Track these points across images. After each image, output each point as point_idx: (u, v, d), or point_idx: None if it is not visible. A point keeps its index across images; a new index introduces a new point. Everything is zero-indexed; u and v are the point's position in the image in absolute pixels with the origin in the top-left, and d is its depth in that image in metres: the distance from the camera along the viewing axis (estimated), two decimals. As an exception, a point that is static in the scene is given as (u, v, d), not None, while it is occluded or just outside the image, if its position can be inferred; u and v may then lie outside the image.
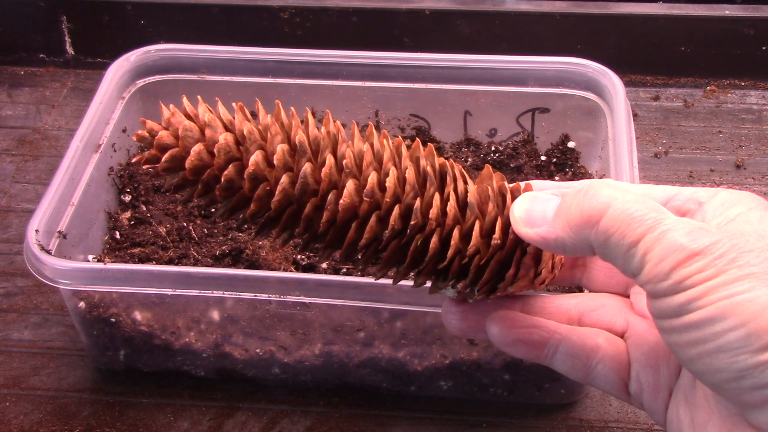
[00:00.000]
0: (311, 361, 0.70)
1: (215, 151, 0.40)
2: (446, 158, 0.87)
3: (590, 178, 0.84)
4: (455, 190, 0.42)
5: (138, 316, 0.69)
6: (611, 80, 0.79)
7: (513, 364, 0.68)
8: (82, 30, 1.08)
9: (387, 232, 0.41)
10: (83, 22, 1.08)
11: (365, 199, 0.40)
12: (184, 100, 0.43)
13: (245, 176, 0.40)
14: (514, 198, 0.41)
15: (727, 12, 1.04)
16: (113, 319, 0.69)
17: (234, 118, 0.42)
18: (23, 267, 0.67)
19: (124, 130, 0.83)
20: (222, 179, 0.40)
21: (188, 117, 0.42)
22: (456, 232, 0.41)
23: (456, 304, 0.43)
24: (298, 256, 0.75)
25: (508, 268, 0.41)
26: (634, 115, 1.01)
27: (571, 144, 0.87)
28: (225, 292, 0.64)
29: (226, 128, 0.42)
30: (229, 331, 0.69)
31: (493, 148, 0.87)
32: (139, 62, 0.84)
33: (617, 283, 0.45)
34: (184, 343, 0.70)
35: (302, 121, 0.43)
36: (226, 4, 1.05)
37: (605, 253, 0.36)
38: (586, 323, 0.43)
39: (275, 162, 0.40)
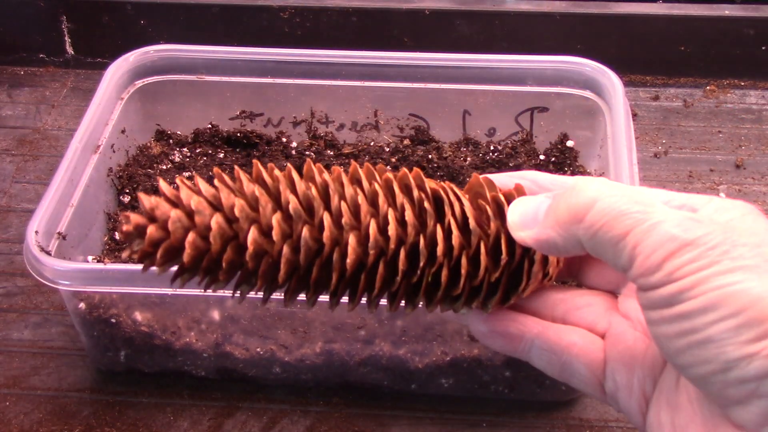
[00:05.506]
0: (312, 359, 0.70)
1: (210, 238, 0.39)
2: (444, 158, 0.88)
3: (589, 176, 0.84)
4: (454, 215, 0.42)
5: (138, 316, 0.69)
6: (610, 79, 0.79)
7: (514, 360, 0.68)
8: (82, 30, 1.08)
9: (398, 277, 0.41)
10: (83, 22, 1.08)
11: (371, 251, 0.40)
12: (161, 182, 0.41)
13: (247, 257, 0.39)
14: (509, 204, 0.41)
15: (727, 12, 1.04)
16: (113, 320, 0.69)
17: (216, 190, 0.41)
18: (23, 267, 0.67)
19: (123, 131, 0.83)
20: (223, 264, 0.39)
21: (171, 203, 0.40)
22: (464, 260, 0.41)
23: (479, 313, 0.44)
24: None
25: (520, 278, 0.42)
26: (634, 115, 1.01)
27: (569, 143, 0.87)
28: (225, 291, 0.64)
29: (214, 207, 0.40)
30: (230, 330, 0.69)
31: (492, 148, 0.88)
32: (138, 62, 0.85)
33: (608, 282, 0.45)
34: (185, 343, 0.70)
35: (282, 169, 0.42)
36: (226, 4, 1.05)
37: (595, 248, 0.36)
38: (570, 321, 0.43)
39: (274, 236, 0.40)
